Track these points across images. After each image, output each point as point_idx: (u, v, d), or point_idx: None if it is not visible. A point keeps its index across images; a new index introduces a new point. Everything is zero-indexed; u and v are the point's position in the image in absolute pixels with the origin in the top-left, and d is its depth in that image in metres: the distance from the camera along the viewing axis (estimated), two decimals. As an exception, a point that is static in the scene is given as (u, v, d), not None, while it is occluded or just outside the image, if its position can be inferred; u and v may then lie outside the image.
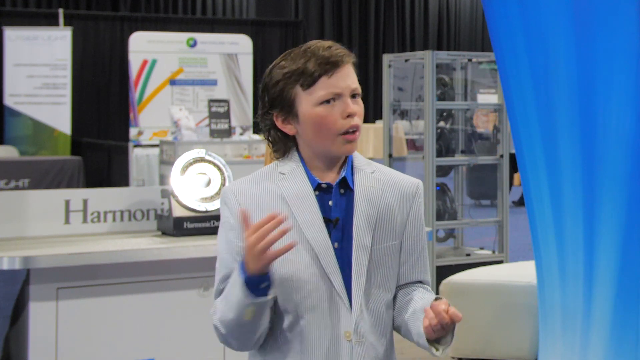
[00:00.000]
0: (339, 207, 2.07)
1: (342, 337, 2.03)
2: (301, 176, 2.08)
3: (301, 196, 2.06)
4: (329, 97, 2.03)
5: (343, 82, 2.04)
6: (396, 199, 2.12)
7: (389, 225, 2.10)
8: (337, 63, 2.03)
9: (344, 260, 2.05)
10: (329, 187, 2.07)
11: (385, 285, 2.10)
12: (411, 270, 2.16)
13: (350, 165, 2.11)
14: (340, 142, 2.05)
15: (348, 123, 2.03)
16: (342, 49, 2.07)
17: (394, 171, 2.19)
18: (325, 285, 2.03)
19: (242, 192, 2.09)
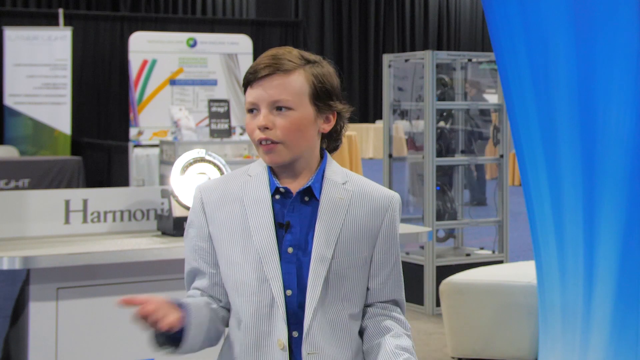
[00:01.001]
0: (298, 213, 2.05)
1: (275, 344, 2.01)
2: (263, 180, 2.07)
3: (257, 200, 2.05)
4: (248, 107, 2.03)
5: (260, 93, 2.01)
6: (366, 211, 2.09)
7: (355, 237, 2.07)
8: (257, 73, 2.01)
9: (299, 266, 2.03)
10: (288, 192, 2.06)
11: (350, 298, 2.07)
12: (383, 286, 2.12)
13: (321, 174, 2.09)
14: (260, 152, 2.04)
15: (257, 135, 2.02)
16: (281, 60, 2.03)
17: (371, 183, 2.15)
18: (266, 291, 2.01)
19: (208, 190, 2.10)
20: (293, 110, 2.02)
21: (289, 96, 2.01)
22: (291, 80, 2.02)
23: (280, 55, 2.04)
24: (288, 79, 2.02)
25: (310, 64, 2.06)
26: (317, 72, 2.06)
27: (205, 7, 16.13)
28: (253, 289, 2.02)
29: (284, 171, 2.08)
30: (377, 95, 16.84)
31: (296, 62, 2.04)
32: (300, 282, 2.03)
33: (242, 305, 2.03)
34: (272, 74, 2.01)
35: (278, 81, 2.01)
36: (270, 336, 2.02)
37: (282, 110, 2.02)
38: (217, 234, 2.07)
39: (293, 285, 2.03)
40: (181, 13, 15.65)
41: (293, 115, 2.02)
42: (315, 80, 2.05)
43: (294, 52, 2.07)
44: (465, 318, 4.81)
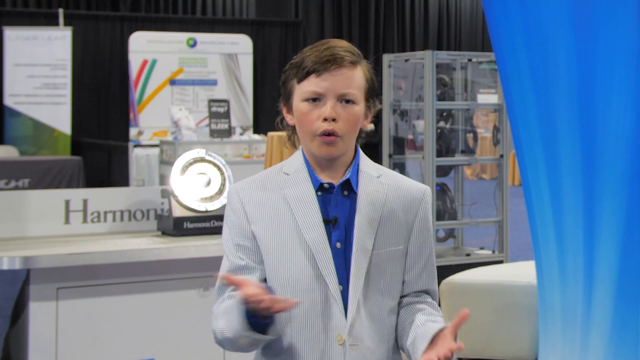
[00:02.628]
0: (341, 208, 2.06)
1: (334, 340, 2.01)
2: (304, 177, 2.08)
3: (303, 197, 2.05)
4: (311, 95, 2.03)
5: (330, 83, 2.02)
6: (401, 204, 2.11)
7: (392, 230, 2.09)
8: (329, 64, 2.01)
9: (347, 261, 2.04)
10: (332, 188, 2.06)
11: (388, 291, 2.09)
12: (417, 278, 2.14)
13: (356, 167, 2.10)
14: (317, 143, 2.04)
15: (321, 126, 2.02)
16: (348, 52, 2.05)
17: (402, 177, 2.18)
18: (320, 287, 2.02)
19: (245, 190, 2.09)
20: (355, 105, 2.05)
21: (355, 90, 2.04)
22: (356, 75, 2.05)
23: (341, 47, 2.06)
24: (354, 72, 2.05)
25: (363, 59, 2.10)
26: (370, 68, 2.10)
27: (205, 7, 16.12)
28: (307, 285, 2.02)
29: (325, 166, 2.08)
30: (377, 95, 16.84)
31: (357, 56, 2.07)
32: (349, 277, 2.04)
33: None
34: (341, 66, 2.03)
35: (347, 74, 2.03)
36: (325, 332, 2.02)
37: (347, 104, 2.03)
38: (262, 232, 2.06)
39: (344, 280, 2.04)
40: (181, 13, 15.63)
41: (355, 109, 2.05)
42: (370, 78, 2.09)
43: (348, 44, 2.09)
44: (465, 318, 4.80)
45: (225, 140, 10.41)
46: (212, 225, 3.80)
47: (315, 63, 2.02)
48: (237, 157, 10.56)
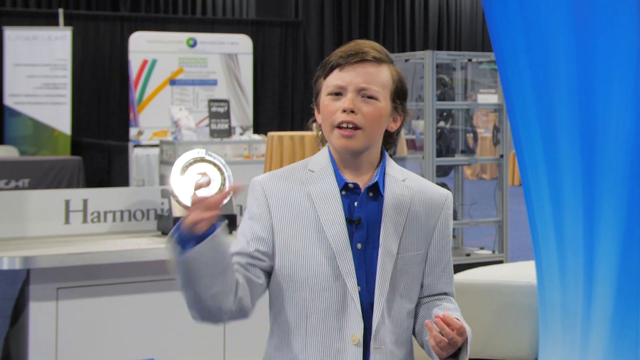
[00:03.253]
0: (365, 209, 2.07)
1: (349, 340, 2.02)
2: (329, 175, 2.08)
3: (327, 195, 2.06)
4: (334, 89, 2.05)
5: (351, 77, 2.04)
6: (424, 208, 2.12)
7: (416, 234, 2.10)
8: (352, 57, 2.04)
9: (366, 262, 2.05)
10: (356, 188, 2.07)
11: (408, 294, 2.10)
12: (436, 282, 2.16)
13: (383, 170, 2.11)
14: (336, 136, 2.05)
15: (339, 117, 2.03)
16: (375, 50, 2.08)
17: (425, 181, 2.19)
18: (338, 286, 2.02)
19: (269, 183, 2.10)
20: (378, 101, 2.06)
21: (377, 86, 2.06)
22: (380, 72, 2.07)
23: (369, 45, 2.09)
24: (378, 69, 2.07)
25: (392, 62, 2.12)
26: (398, 71, 2.12)
27: (205, 7, 16.11)
28: (325, 284, 2.02)
29: (348, 165, 2.09)
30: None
31: (385, 57, 2.10)
32: (368, 279, 2.05)
33: (313, 301, 2.03)
34: (365, 60, 2.05)
35: (369, 69, 2.06)
36: (341, 332, 2.02)
37: (369, 99, 2.05)
38: (283, 227, 2.06)
39: (363, 281, 2.05)
40: (181, 13, 15.62)
41: (377, 105, 2.06)
42: (398, 79, 2.11)
43: (376, 44, 2.12)
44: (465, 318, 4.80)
45: (225, 140, 10.41)
46: (212, 225, 3.80)
47: (339, 57, 2.06)
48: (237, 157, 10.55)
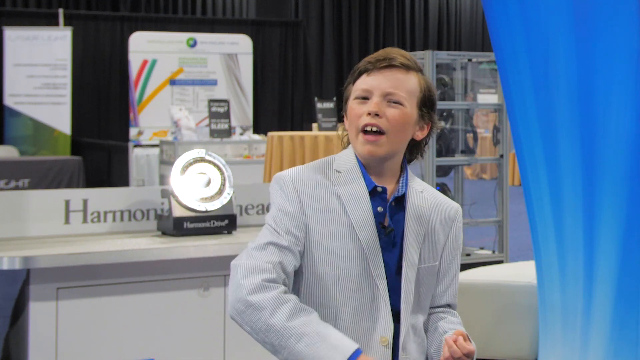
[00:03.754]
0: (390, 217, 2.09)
1: (378, 341, 2.03)
2: (357, 177, 2.10)
3: (356, 197, 2.07)
4: (361, 94, 2.07)
5: (377, 81, 2.05)
6: (440, 221, 2.16)
7: (432, 245, 2.13)
8: (379, 62, 2.05)
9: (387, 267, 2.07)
10: (384, 193, 2.09)
11: (424, 305, 2.13)
12: (443, 294, 2.19)
13: (406, 181, 2.13)
14: (360, 142, 2.07)
15: (364, 119, 2.05)
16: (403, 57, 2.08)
17: (438, 193, 2.22)
18: (368, 288, 2.04)
19: (300, 180, 2.10)
20: (403, 107, 2.07)
21: (403, 92, 2.06)
22: (408, 79, 2.08)
23: (398, 53, 2.10)
24: (406, 76, 2.08)
25: (421, 71, 2.13)
26: (427, 80, 2.13)
27: (205, 7, 16.11)
28: (356, 284, 2.04)
29: (372, 171, 2.11)
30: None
31: (414, 65, 2.11)
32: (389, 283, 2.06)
33: (343, 300, 2.04)
34: (392, 66, 2.06)
35: (397, 75, 2.07)
36: (370, 333, 2.04)
37: (394, 104, 2.06)
38: (317, 226, 2.06)
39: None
40: (181, 13, 15.62)
41: (403, 111, 2.07)
42: (426, 88, 2.12)
43: (406, 52, 2.12)
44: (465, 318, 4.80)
45: (225, 140, 10.41)
46: (212, 225, 3.80)
47: (367, 63, 2.08)
48: (237, 157, 10.55)
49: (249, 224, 4.11)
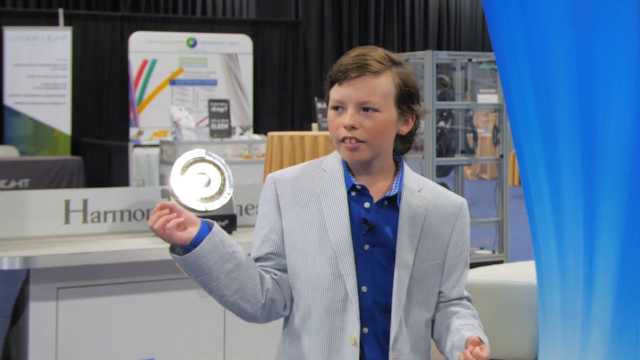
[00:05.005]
0: (379, 214, 2.08)
1: (347, 340, 2.04)
2: (339, 176, 2.10)
3: (333, 196, 2.08)
4: (335, 104, 2.06)
5: (349, 92, 2.03)
6: (440, 218, 2.13)
7: (431, 244, 2.11)
8: (348, 73, 2.03)
9: (373, 263, 2.07)
10: (365, 189, 2.08)
11: (425, 304, 2.12)
12: (452, 289, 2.18)
13: (401, 181, 2.12)
14: (342, 148, 2.06)
15: (341, 132, 2.04)
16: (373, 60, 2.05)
17: (441, 188, 2.20)
18: (340, 286, 2.04)
19: (283, 181, 2.13)
20: (379, 112, 2.04)
21: (376, 98, 2.04)
22: (380, 83, 2.04)
23: (369, 55, 2.06)
24: (377, 81, 2.04)
25: (396, 65, 2.09)
26: (402, 74, 2.08)
27: (205, 7, 16.11)
28: (327, 283, 2.04)
29: (361, 169, 2.10)
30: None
31: (385, 63, 2.06)
32: (374, 280, 2.06)
33: (316, 300, 2.05)
34: (361, 75, 2.03)
35: (367, 83, 2.03)
36: (342, 331, 2.04)
37: (369, 112, 2.04)
38: (291, 227, 2.09)
39: (368, 282, 2.06)
40: (181, 13, 15.62)
41: (379, 117, 2.04)
42: (401, 83, 2.08)
43: (380, 51, 2.09)
44: (465, 318, 4.80)
45: (225, 140, 10.41)
46: (212, 225, 3.80)
47: (337, 72, 2.05)
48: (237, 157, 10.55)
49: (249, 224, 4.11)
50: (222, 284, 2.04)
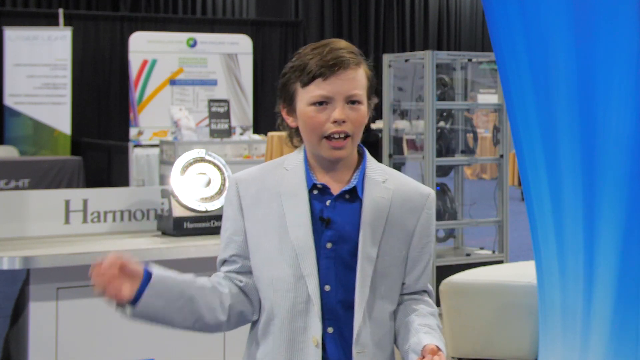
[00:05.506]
0: (340, 210, 2.05)
1: (309, 341, 2.01)
2: (300, 175, 2.07)
3: (294, 195, 2.05)
4: (319, 99, 2.02)
5: (337, 86, 2.01)
6: (405, 209, 2.10)
7: (396, 236, 2.08)
8: (336, 67, 2.01)
9: (337, 261, 2.04)
10: (326, 188, 2.06)
11: (389, 296, 2.09)
12: (416, 281, 2.15)
13: (362, 172, 2.09)
14: (325, 146, 2.03)
15: (329, 128, 2.01)
16: (350, 53, 2.05)
17: (407, 179, 2.16)
18: (302, 287, 2.01)
19: (245, 182, 2.11)
20: (362, 105, 2.05)
21: (360, 90, 2.05)
22: (360, 75, 2.05)
23: (343, 48, 2.05)
24: (358, 72, 2.05)
25: (363, 57, 2.10)
26: (368, 66, 2.10)
27: (205, 7, 16.10)
28: (289, 285, 2.02)
29: (325, 167, 2.08)
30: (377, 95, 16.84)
31: (358, 55, 2.07)
32: (338, 278, 2.04)
33: (278, 302, 2.03)
34: (347, 68, 2.02)
35: (352, 75, 2.03)
36: (305, 332, 2.02)
37: (354, 104, 2.04)
38: (253, 229, 2.07)
39: (331, 280, 2.03)
40: (181, 13, 15.62)
41: (362, 110, 2.05)
42: (370, 76, 2.09)
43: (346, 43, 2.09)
44: (465, 318, 4.81)
45: (225, 140, 10.41)
46: (212, 225, 3.80)
47: (321, 67, 2.02)
48: (237, 157, 10.55)
49: (249, 224, 4.11)
50: (178, 321, 2.03)
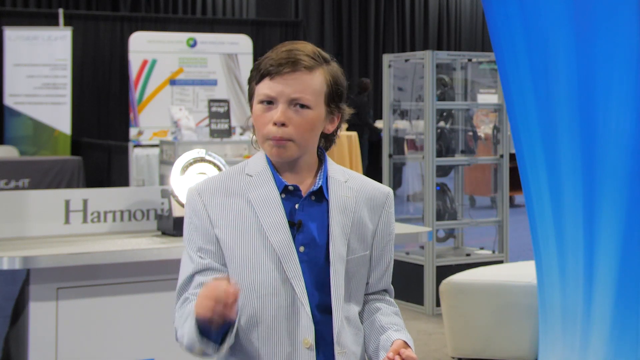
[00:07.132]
0: (308, 212, 2.04)
1: (300, 344, 2.00)
2: (268, 179, 2.04)
3: (267, 200, 2.02)
4: (264, 98, 2.00)
5: (282, 87, 1.98)
6: (367, 209, 2.10)
7: (361, 235, 2.08)
8: (282, 67, 1.98)
9: (310, 265, 2.03)
10: (297, 190, 2.04)
11: (356, 295, 2.09)
12: (378, 281, 2.14)
13: (325, 174, 2.08)
14: (268, 145, 2.01)
15: (271, 130, 1.99)
16: (308, 56, 2.01)
17: (366, 179, 2.15)
18: (286, 291, 2.00)
19: (208, 191, 2.06)
20: (310, 110, 2.01)
21: (309, 95, 2.00)
22: (313, 79, 2.01)
23: (301, 51, 2.01)
24: (310, 77, 2.01)
25: (327, 63, 2.05)
26: (333, 72, 2.05)
27: (205, 7, 16.10)
28: (274, 289, 2.00)
29: (286, 169, 2.06)
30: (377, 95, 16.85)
31: (317, 60, 2.03)
32: (312, 281, 2.02)
33: (261, 307, 2.00)
34: (295, 70, 1.99)
35: (301, 78, 1.99)
36: (293, 336, 2.00)
37: (300, 108, 2.00)
38: (225, 236, 2.03)
39: (310, 284, 2.02)
40: (181, 13, 15.62)
41: (309, 115, 2.01)
42: (332, 81, 2.04)
43: (311, 47, 2.05)
44: (465, 318, 4.81)
45: (225, 140, 10.40)
46: (212, 225, 3.80)
47: (270, 66, 1.99)
48: (237, 157, 10.54)
49: (249, 224, 4.11)
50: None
